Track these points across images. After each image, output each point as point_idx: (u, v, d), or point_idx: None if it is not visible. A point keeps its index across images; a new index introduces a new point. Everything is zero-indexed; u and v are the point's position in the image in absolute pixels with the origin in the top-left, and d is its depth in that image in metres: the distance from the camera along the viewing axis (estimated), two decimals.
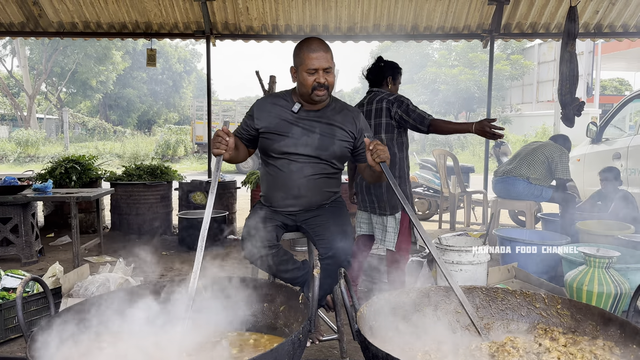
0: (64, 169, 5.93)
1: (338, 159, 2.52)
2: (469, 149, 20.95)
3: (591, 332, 1.89)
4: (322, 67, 2.34)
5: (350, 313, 1.72)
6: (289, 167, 2.47)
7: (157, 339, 1.94)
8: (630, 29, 6.74)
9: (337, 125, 2.49)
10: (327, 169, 2.52)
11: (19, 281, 3.09)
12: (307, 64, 2.35)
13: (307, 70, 2.35)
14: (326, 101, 2.52)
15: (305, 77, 2.37)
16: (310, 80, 2.36)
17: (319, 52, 2.35)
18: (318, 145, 2.45)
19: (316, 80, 2.35)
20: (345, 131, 2.50)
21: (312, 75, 2.35)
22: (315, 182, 2.50)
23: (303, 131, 2.46)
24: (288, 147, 2.45)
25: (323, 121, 2.49)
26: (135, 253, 4.18)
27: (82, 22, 6.73)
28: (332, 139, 2.47)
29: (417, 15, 6.68)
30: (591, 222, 4.66)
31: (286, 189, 2.50)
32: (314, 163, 2.47)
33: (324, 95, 2.41)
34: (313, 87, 2.37)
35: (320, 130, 2.47)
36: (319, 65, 2.34)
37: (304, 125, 2.47)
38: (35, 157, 19.99)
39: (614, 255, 2.99)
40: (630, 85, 28.50)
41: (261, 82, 6.59)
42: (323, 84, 2.36)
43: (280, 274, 2.47)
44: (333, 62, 2.40)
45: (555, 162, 4.78)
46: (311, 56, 2.34)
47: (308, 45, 2.38)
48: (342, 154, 2.52)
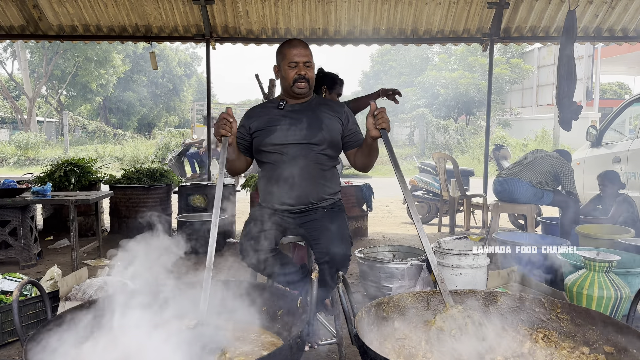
0: (63, 172, 5.93)
1: (329, 144, 2.58)
2: (469, 153, 20.95)
3: (591, 336, 1.88)
4: (302, 61, 2.53)
5: (348, 317, 1.72)
6: (282, 160, 2.56)
7: (155, 342, 1.92)
8: (630, 33, 6.74)
9: (323, 113, 2.61)
10: (320, 158, 2.58)
11: (17, 284, 3.08)
12: (288, 58, 2.53)
13: (289, 64, 2.53)
14: (309, 96, 2.67)
15: (287, 71, 2.55)
16: (292, 73, 2.54)
17: (299, 48, 2.54)
18: (307, 132, 2.55)
19: (297, 73, 2.53)
20: (332, 116, 2.61)
21: (293, 69, 2.54)
22: (309, 171, 2.55)
23: (291, 121, 2.57)
24: (278, 139, 2.55)
25: (309, 111, 2.62)
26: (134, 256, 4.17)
27: (82, 25, 6.73)
28: (320, 124, 2.57)
29: (417, 19, 6.68)
30: (591, 226, 4.66)
31: (281, 180, 2.56)
32: (306, 151, 2.54)
33: (305, 88, 2.57)
34: (294, 80, 2.54)
35: (307, 118, 2.58)
36: (299, 58, 2.53)
37: (291, 117, 2.60)
38: (35, 160, 19.99)
39: (614, 259, 2.98)
40: (630, 89, 28.56)
41: (261, 85, 6.59)
42: (304, 76, 2.54)
43: (278, 278, 2.46)
44: (312, 59, 2.58)
45: (563, 176, 4.85)
46: (292, 51, 2.53)
47: (289, 43, 2.61)
48: (332, 137, 2.58)
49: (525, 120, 24.56)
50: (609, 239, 4.17)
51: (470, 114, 26.18)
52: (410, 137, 25.31)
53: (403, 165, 19.89)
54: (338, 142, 2.63)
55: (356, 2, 6.40)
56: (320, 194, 2.59)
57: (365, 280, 3.85)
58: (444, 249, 3.47)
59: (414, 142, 24.33)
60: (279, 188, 2.57)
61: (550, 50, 23.02)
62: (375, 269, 3.74)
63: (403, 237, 6.37)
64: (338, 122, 2.62)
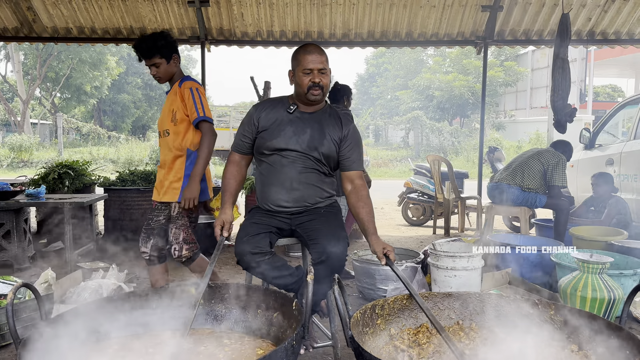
0: (57, 174, 5.89)
1: (326, 159, 2.58)
2: (463, 155, 21.03)
3: (584, 337, 1.89)
4: (317, 68, 2.47)
5: (344, 319, 1.72)
6: (280, 162, 2.55)
7: (149, 345, 1.92)
8: (623, 36, 6.79)
9: (328, 128, 2.59)
10: (318, 167, 2.58)
11: (11, 287, 3.07)
12: (303, 65, 2.48)
13: (303, 71, 2.48)
14: (321, 103, 2.62)
15: (301, 77, 2.49)
16: (306, 80, 2.48)
17: (314, 55, 2.49)
18: (308, 144, 2.54)
19: (311, 80, 2.48)
20: (334, 134, 2.59)
21: (307, 76, 2.48)
22: (307, 175, 2.56)
23: (295, 130, 2.55)
24: (279, 144, 2.54)
25: (315, 122, 2.59)
26: (129, 259, 4.16)
27: (76, 27, 6.71)
28: (322, 139, 2.55)
29: (412, 22, 6.71)
30: (584, 227, 4.68)
31: (279, 182, 2.56)
32: (304, 159, 2.55)
33: (319, 95, 2.52)
34: (308, 87, 2.49)
35: (311, 130, 2.56)
36: (314, 65, 2.47)
37: (297, 124, 2.57)
38: (28, 163, 19.89)
39: (608, 261, 3.00)
40: (623, 92, 28.72)
41: (256, 87, 6.59)
42: (318, 84, 2.48)
43: (273, 280, 2.46)
44: (328, 66, 2.53)
45: (550, 170, 4.75)
46: (307, 58, 2.48)
47: (305, 49, 2.53)
48: (329, 154, 2.57)
49: (519, 123, 24.65)
50: (603, 240, 4.19)
51: (464, 117, 26.29)
52: (405, 140, 25.39)
53: (397, 168, 19.94)
54: (334, 158, 2.61)
55: (351, 5, 6.42)
56: (316, 197, 2.60)
57: (361, 283, 3.85)
58: (438, 251, 3.48)
59: (408, 144, 24.40)
60: (275, 188, 2.57)
61: (544, 53, 23.14)
62: (370, 271, 3.74)
63: (398, 239, 6.38)
64: (337, 138, 2.58)
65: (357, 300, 3.80)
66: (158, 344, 1.95)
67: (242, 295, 2.24)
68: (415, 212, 7.68)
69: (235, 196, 2.68)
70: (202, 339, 2.09)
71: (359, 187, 2.54)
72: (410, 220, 7.69)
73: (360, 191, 2.53)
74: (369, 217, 2.47)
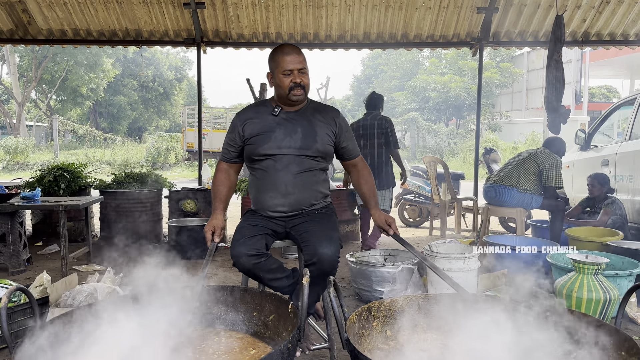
0: (53, 176, 5.88)
1: (322, 154, 2.58)
2: (459, 156, 21.06)
3: (580, 338, 1.89)
4: (297, 68, 2.47)
5: (340, 322, 1.72)
6: (274, 167, 2.53)
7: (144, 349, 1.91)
8: (617, 37, 6.83)
9: (318, 123, 2.58)
10: (313, 165, 2.57)
11: (5, 291, 3.05)
12: (282, 66, 2.47)
13: (283, 72, 2.47)
14: (304, 102, 2.61)
15: (281, 79, 2.48)
16: (287, 82, 2.47)
17: (292, 55, 2.48)
18: (301, 143, 2.52)
19: (292, 81, 2.47)
20: (327, 128, 2.58)
21: (288, 77, 2.47)
22: (302, 178, 2.54)
23: (285, 131, 2.53)
24: (272, 149, 2.51)
25: (304, 120, 2.57)
26: (124, 262, 4.14)
27: (71, 29, 6.69)
28: (315, 136, 2.54)
29: (407, 24, 6.72)
30: (580, 228, 4.69)
31: (274, 187, 2.54)
32: (299, 160, 2.53)
33: (301, 95, 2.52)
34: (290, 88, 2.48)
35: (302, 128, 2.54)
36: (293, 66, 2.47)
37: (285, 125, 2.55)
38: (24, 165, 19.83)
39: (603, 261, 3.01)
40: (618, 93, 28.81)
41: (252, 89, 6.60)
42: (299, 84, 2.48)
43: (269, 283, 2.46)
44: (307, 65, 2.52)
45: (545, 171, 4.75)
46: (286, 59, 2.47)
47: (282, 50, 2.52)
48: (325, 150, 2.58)
49: (515, 124, 24.71)
50: (598, 241, 4.20)
51: (460, 118, 26.34)
52: (401, 141, 25.40)
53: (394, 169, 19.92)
54: (331, 152, 2.63)
55: (347, 7, 6.42)
56: (311, 199, 2.59)
57: (357, 284, 3.85)
58: (434, 252, 3.49)
59: (405, 145, 24.42)
60: (270, 193, 2.55)
61: (540, 54, 23.20)
62: (366, 272, 3.74)
63: (394, 241, 6.37)
64: (332, 132, 2.59)
65: (353, 302, 3.80)
66: (153, 346, 1.94)
67: (237, 297, 2.24)
68: (412, 213, 7.69)
69: (226, 202, 2.68)
70: (197, 341, 2.09)
71: (361, 168, 2.74)
72: (407, 222, 7.70)
73: (362, 171, 2.73)
74: (370, 192, 2.70)
